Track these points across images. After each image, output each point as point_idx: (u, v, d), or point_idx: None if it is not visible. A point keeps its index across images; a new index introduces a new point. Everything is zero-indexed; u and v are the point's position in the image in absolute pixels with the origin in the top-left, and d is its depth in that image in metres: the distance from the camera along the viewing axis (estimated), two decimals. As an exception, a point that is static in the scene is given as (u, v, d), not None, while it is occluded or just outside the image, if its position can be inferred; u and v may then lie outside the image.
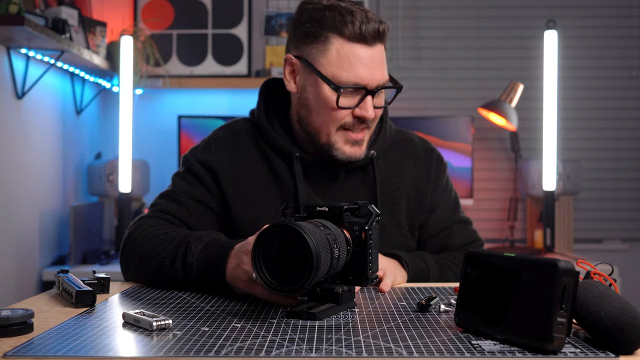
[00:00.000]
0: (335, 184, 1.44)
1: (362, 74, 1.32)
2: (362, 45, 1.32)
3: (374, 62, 1.33)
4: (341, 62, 1.32)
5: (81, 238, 2.82)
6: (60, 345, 0.84)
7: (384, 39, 1.36)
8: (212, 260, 1.18)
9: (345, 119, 1.36)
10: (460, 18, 3.54)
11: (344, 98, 1.34)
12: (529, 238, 3.42)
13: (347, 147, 1.38)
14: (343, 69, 1.32)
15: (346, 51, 1.32)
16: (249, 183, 1.43)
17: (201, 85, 3.38)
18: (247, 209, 1.42)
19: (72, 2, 2.93)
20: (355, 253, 1.05)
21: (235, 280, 1.13)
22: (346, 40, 1.32)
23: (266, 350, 0.83)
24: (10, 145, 2.48)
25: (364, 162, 1.44)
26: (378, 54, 1.34)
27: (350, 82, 1.32)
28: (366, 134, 1.40)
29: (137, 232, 1.36)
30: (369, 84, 1.33)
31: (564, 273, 0.80)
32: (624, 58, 3.52)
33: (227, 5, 3.47)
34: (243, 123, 1.51)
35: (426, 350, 0.83)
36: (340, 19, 1.32)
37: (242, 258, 1.11)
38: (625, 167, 3.53)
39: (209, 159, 1.44)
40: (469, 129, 3.27)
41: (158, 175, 3.35)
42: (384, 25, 1.35)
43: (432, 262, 1.42)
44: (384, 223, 1.44)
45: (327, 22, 1.33)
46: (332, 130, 1.37)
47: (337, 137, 1.38)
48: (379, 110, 1.40)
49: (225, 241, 1.22)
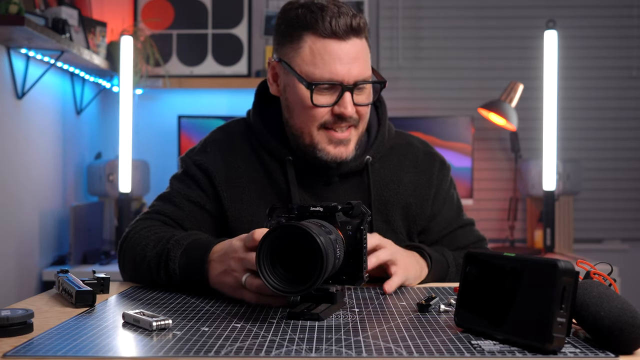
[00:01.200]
0: (329, 188, 1.43)
1: (336, 69, 1.29)
2: (335, 40, 1.29)
3: (348, 57, 1.30)
4: (314, 59, 1.30)
5: (81, 238, 2.82)
6: (60, 345, 0.84)
7: (360, 33, 1.32)
8: (193, 265, 1.18)
9: (324, 118, 1.33)
10: (460, 18, 3.54)
11: (320, 96, 1.31)
12: (529, 238, 3.42)
13: (331, 148, 1.35)
14: (316, 66, 1.30)
15: (318, 47, 1.30)
16: (243, 185, 1.43)
17: (201, 85, 3.38)
18: (242, 211, 1.42)
19: (72, 2, 2.93)
20: (348, 253, 1.05)
21: (223, 286, 1.13)
22: (318, 36, 1.30)
23: (266, 350, 0.83)
24: (10, 145, 2.48)
25: (358, 166, 1.42)
26: (354, 49, 1.31)
27: (325, 79, 1.30)
28: (353, 134, 1.37)
29: (131, 235, 1.37)
30: (345, 79, 1.30)
31: (563, 273, 0.80)
32: (624, 58, 3.52)
33: (227, 5, 3.47)
34: (239, 124, 1.51)
35: (426, 350, 0.83)
36: (310, 16, 1.30)
37: (230, 264, 1.10)
38: (625, 167, 3.53)
39: (205, 161, 1.44)
40: (469, 129, 3.27)
41: (158, 175, 3.35)
42: (358, 18, 1.31)
43: (450, 258, 1.40)
44: (379, 229, 1.42)
45: (300, 21, 1.31)
46: (313, 130, 1.35)
47: (320, 137, 1.35)
48: (363, 109, 1.36)
49: (205, 242, 1.21)
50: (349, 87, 1.31)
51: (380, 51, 3.52)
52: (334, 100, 1.32)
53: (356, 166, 1.42)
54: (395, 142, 1.50)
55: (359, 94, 1.34)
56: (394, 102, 3.46)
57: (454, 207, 1.52)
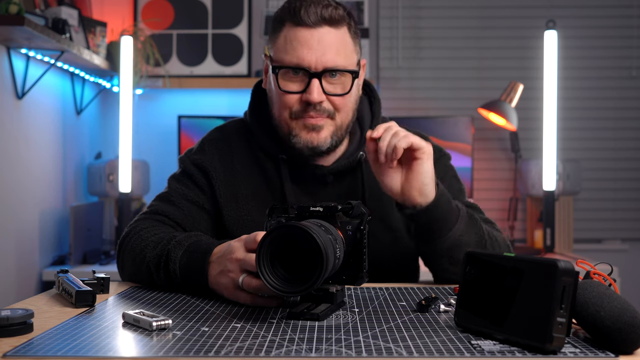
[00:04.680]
0: (323, 187, 1.42)
1: (302, 55, 1.31)
2: (305, 28, 1.32)
3: (319, 45, 1.31)
4: (285, 45, 1.33)
5: (81, 238, 2.82)
6: (60, 345, 0.84)
7: (335, 23, 1.33)
8: (194, 266, 1.18)
9: (295, 107, 1.34)
10: (460, 18, 3.54)
11: (290, 82, 1.34)
12: (529, 238, 3.42)
13: (303, 133, 1.36)
14: (286, 52, 1.33)
15: (290, 35, 1.33)
16: (240, 184, 1.43)
17: (201, 85, 3.38)
18: (238, 211, 1.42)
19: (72, 2, 2.93)
20: (348, 253, 1.05)
21: (219, 287, 1.13)
22: (292, 25, 1.33)
23: (266, 350, 0.83)
24: (10, 145, 2.48)
25: (352, 164, 1.42)
26: (326, 37, 1.32)
27: (292, 64, 1.32)
28: (327, 123, 1.36)
29: (129, 235, 1.36)
30: (312, 65, 1.31)
31: (563, 273, 0.80)
32: (624, 58, 3.52)
33: (227, 5, 3.46)
34: (237, 124, 1.52)
35: (426, 350, 0.83)
36: (287, 7, 1.34)
37: (227, 265, 1.10)
38: (625, 167, 3.53)
39: (203, 160, 1.45)
40: (469, 129, 3.27)
41: (158, 175, 3.34)
42: (333, 9, 1.32)
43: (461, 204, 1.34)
44: (373, 228, 1.39)
45: (280, 14, 1.36)
46: (287, 118, 1.36)
47: (295, 125, 1.36)
48: (338, 100, 1.35)
49: (206, 244, 1.21)
50: (316, 74, 1.32)
51: (380, 51, 3.52)
52: (302, 88, 1.33)
53: (349, 163, 1.42)
54: None
55: (332, 83, 1.34)
56: (394, 102, 3.46)
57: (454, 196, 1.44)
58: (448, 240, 1.28)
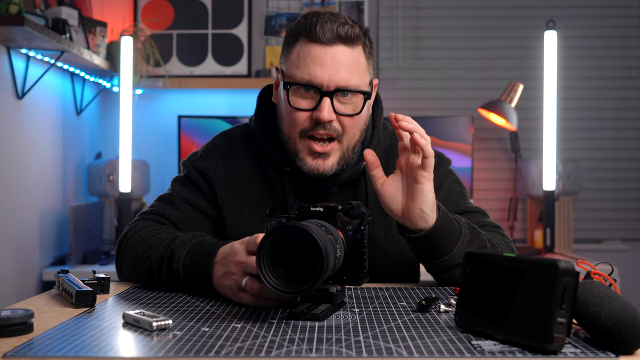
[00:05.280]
0: (327, 199, 1.40)
1: (315, 72, 1.28)
2: (320, 45, 1.29)
3: (332, 63, 1.28)
4: (298, 61, 1.31)
5: (81, 238, 2.82)
6: (60, 346, 0.84)
7: (351, 42, 1.30)
8: (198, 266, 1.18)
9: (305, 124, 1.32)
10: (460, 18, 3.54)
11: (301, 99, 1.31)
12: (529, 238, 3.42)
13: (309, 159, 1.34)
14: (298, 68, 1.30)
15: (304, 51, 1.30)
16: (244, 194, 1.43)
17: (201, 85, 3.38)
18: (241, 221, 1.42)
19: (72, 2, 2.93)
20: (348, 253, 1.05)
21: (222, 288, 1.13)
22: (306, 41, 1.30)
23: (266, 350, 0.83)
24: (10, 145, 2.48)
25: (355, 174, 1.41)
26: (341, 56, 1.29)
27: (304, 80, 1.30)
28: (335, 149, 1.34)
29: (129, 235, 1.36)
30: (324, 83, 1.29)
31: (564, 273, 0.80)
32: (624, 58, 3.52)
33: (227, 5, 3.46)
34: (242, 130, 1.50)
35: (426, 350, 0.83)
36: (303, 23, 1.31)
37: (230, 267, 1.11)
38: (625, 167, 3.53)
39: (206, 167, 1.44)
40: (469, 129, 3.27)
41: (158, 175, 3.35)
42: (350, 27, 1.30)
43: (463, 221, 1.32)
44: (378, 238, 1.40)
45: (295, 29, 1.33)
46: (296, 136, 1.34)
47: (302, 146, 1.34)
48: (348, 120, 1.32)
49: (210, 244, 1.20)
50: (328, 92, 1.29)
51: (380, 51, 3.52)
52: (313, 105, 1.31)
53: (353, 174, 1.41)
54: (391, 143, 1.48)
55: (343, 102, 1.32)
56: (394, 102, 3.46)
57: (456, 200, 1.47)
58: (448, 260, 1.28)
